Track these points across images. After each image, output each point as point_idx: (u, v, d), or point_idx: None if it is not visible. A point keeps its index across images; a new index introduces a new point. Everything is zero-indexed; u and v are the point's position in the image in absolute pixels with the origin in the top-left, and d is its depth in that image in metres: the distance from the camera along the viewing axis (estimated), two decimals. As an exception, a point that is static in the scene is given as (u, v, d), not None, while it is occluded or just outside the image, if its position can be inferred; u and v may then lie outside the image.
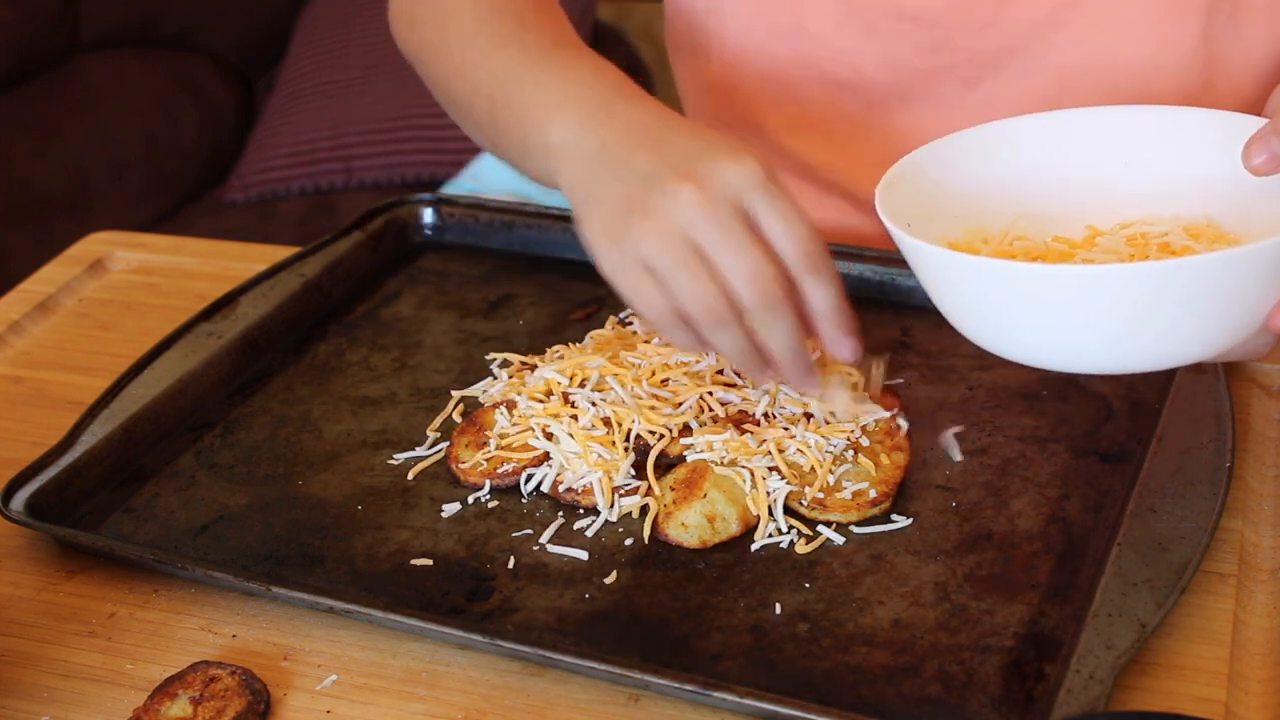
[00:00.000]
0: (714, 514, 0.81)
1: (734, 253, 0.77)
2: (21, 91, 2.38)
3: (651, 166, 0.79)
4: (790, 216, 0.78)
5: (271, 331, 1.01)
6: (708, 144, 0.80)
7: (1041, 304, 0.71)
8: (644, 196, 0.78)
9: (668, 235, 0.77)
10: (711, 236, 0.77)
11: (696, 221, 0.77)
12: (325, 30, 2.60)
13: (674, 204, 0.77)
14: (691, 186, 0.77)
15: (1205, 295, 0.69)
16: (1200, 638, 0.75)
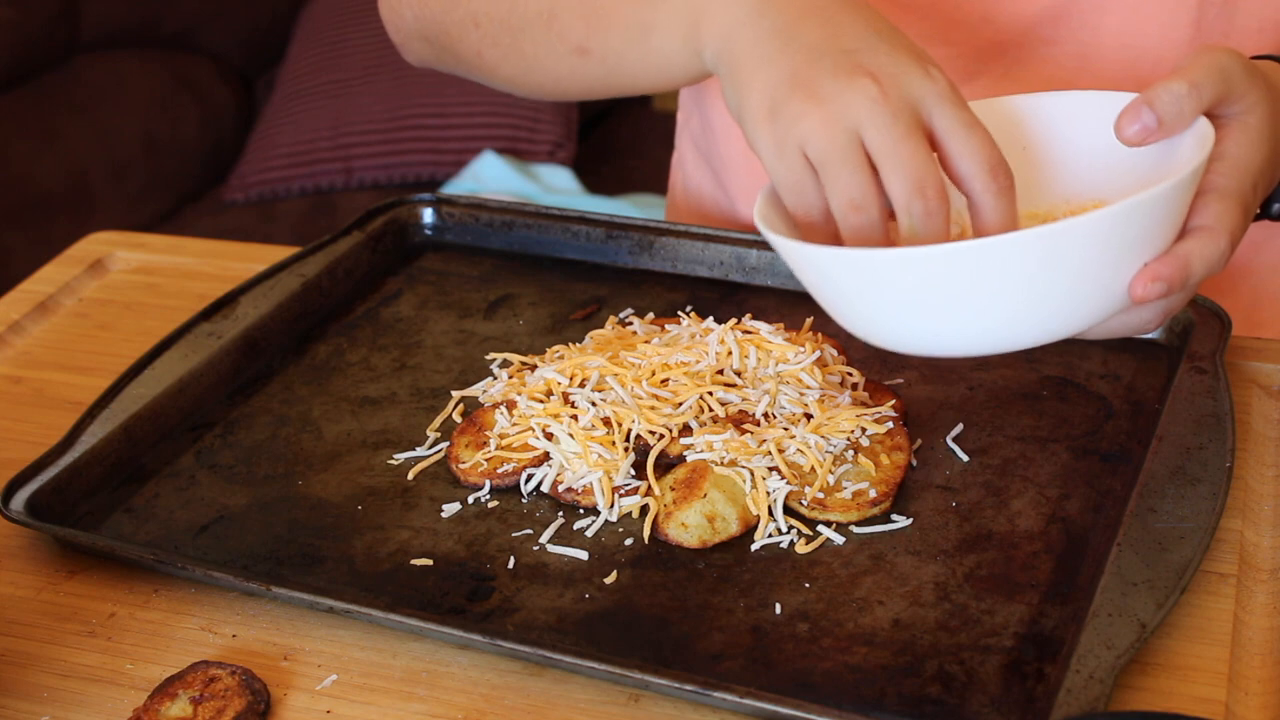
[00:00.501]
0: (714, 514, 0.81)
1: (901, 150, 0.71)
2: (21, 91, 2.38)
3: (823, 42, 0.73)
4: (976, 128, 0.73)
5: (271, 331, 1.01)
6: (887, 34, 0.74)
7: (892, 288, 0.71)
8: (815, 77, 0.72)
9: (834, 126, 0.72)
10: (880, 131, 0.71)
11: (869, 115, 0.71)
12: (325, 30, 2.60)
13: (850, 96, 0.72)
14: (872, 82, 0.72)
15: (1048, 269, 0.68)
16: (1200, 638, 0.75)
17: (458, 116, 2.42)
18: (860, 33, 0.75)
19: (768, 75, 0.74)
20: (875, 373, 0.93)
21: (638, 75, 0.85)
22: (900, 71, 0.73)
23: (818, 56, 0.73)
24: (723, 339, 0.91)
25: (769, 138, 0.74)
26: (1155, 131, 0.74)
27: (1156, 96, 0.74)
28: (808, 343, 0.91)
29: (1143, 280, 0.71)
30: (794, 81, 0.73)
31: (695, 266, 1.06)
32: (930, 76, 0.73)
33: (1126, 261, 0.71)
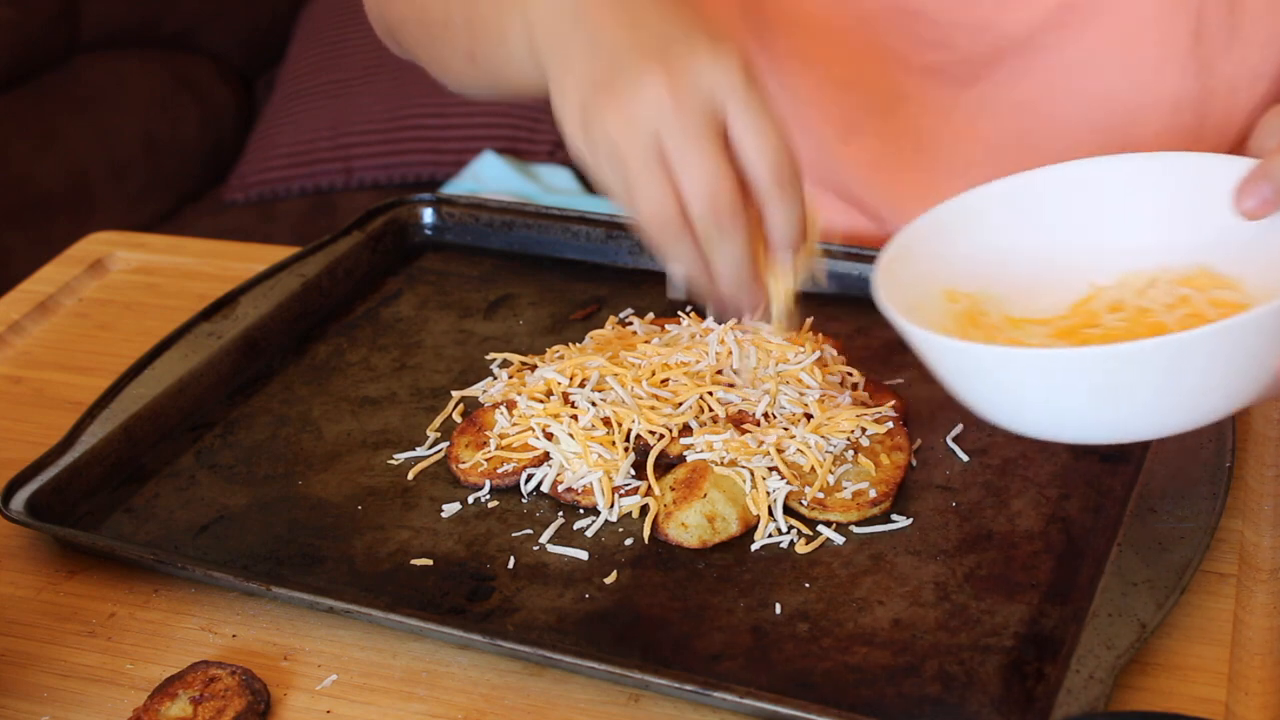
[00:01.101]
0: (714, 514, 0.81)
1: (692, 164, 0.71)
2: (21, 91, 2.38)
3: (623, 42, 0.73)
4: (765, 127, 0.73)
5: (271, 331, 1.01)
6: (688, 27, 0.74)
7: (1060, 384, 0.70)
8: (611, 77, 0.73)
9: (632, 127, 0.72)
10: (674, 138, 0.71)
11: (661, 118, 0.71)
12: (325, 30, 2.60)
13: (640, 94, 0.71)
14: (661, 77, 0.71)
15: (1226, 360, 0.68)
16: (1200, 638, 0.75)
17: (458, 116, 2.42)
18: (660, 28, 0.74)
19: (576, 79, 0.75)
20: (875, 373, 0.93)
21: (515, 82, 0.85)
22: (691, 62, 0.72)
23: (618, 56, 0.73)
24: (723, 339, 0.91)
25: (583, 143, 0.75)
26: (1274, 203, 0.75)
27: (1274, 170, 0.74)
28: (808, 343, 0.91)
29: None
30: (597, 84, 0.73)
31: (695, 266, 1.06)
32: (722, 64, 0.72)
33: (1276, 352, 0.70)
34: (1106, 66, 1.00)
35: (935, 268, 0.79)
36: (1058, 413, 0.71)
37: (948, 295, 0.79)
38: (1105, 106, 1.01)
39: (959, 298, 0.79)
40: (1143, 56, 0.99)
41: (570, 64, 0.76)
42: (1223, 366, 0.69)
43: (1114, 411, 0.70)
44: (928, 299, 0.78)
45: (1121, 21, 0.99)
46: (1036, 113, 1.03)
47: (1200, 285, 0.78)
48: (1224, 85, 1.00)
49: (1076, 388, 0.69)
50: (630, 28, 0.74)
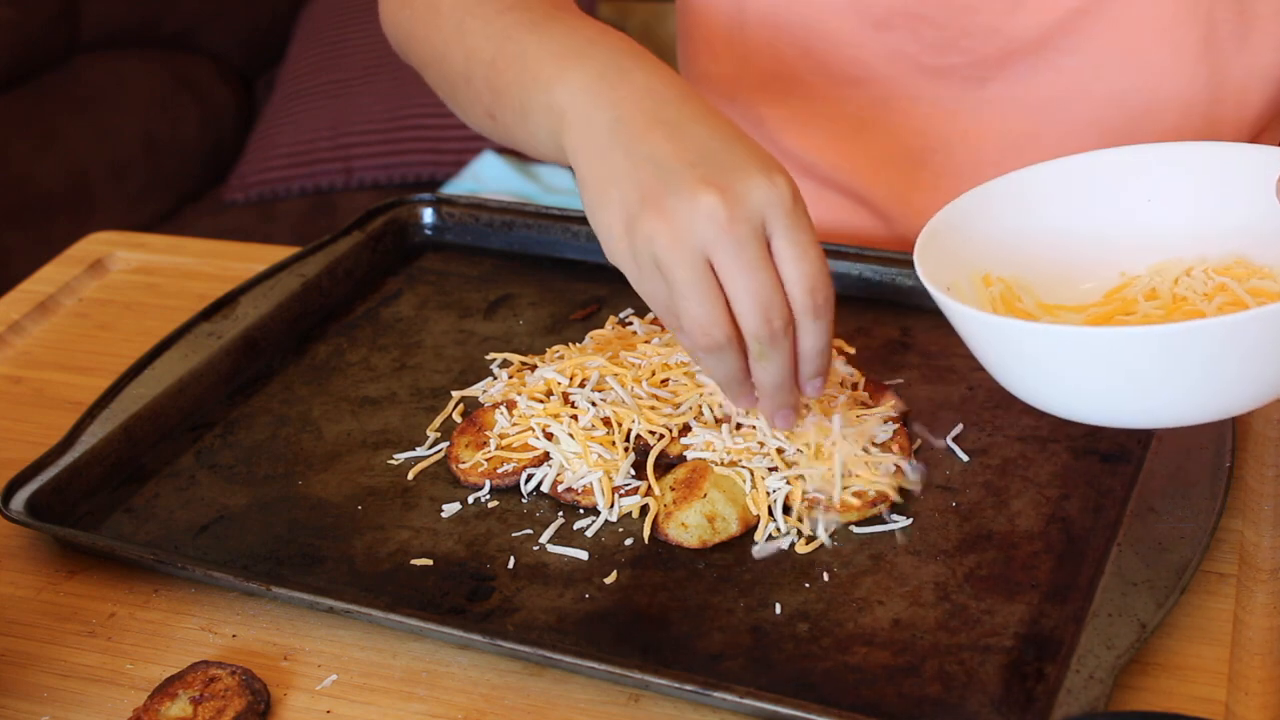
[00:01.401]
0: (714, 514, 0.81)
1: (748, 279, 0.73)
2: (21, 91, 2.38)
3: (670, 156, 0.74)
4: (808, 251, 0.74)
5: (271, 331, 1.01)
6: (733, 142, 0.76)
7: (1107, 365, 0.70)
8: (660, 192, 0.74)
9: (682, 243, 0.73)
10: (728, 257, 0.73)
11: (715, 238, 0.73)
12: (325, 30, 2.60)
13: (694, 212, 0.73)
14: (716, 197, 0.73)
15: (1275, 344, 0.68)
16: (1200, 638, 0.75)
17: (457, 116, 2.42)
18: (706, 143, 0.75)
19: (620, 192, 0.75)
20: (875, 373, 0.93)
21: (535, 152, 0.86)
22: (744, 184, 0.73)
23: (665, 172, 0.74)
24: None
25: (628, 255, 0.76)
26: None
27: None
28: None
29: None
30: (644, 199, 0.74)
31: (695, 266, 1.06)
32: (774, 185, 0.74)
33: None
34: (1117, 69, 1.00)
35: (969, 249, 0.79)
36: (1104, 394, 0.71)
37: (983, 279, 0.80)
38: (1115, 109, 1.01)
39: (994, 282, 0.80)
40: (1153, 59, 0.99)
41: (611, 173, 0.76)
42: (1271, 351, 0.68)
43: (1156, 394, 0.70)
44: (964, 280, 0.78)
45: (1132, 24, 0.99)
46: (1046, 115, 1.03)
47: (1238, 275, 0.78)
48: (1234, 87, 1.00)
49: (1126, 368, 0.69)
50: (672, 140, 0.75)
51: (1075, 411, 0.74)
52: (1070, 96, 1.02)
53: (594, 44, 0.80)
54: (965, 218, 0.80)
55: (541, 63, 0.81)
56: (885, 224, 1.10)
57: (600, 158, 0.77)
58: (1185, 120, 1.01)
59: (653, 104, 0.77)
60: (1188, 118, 1.01)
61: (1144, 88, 1.00)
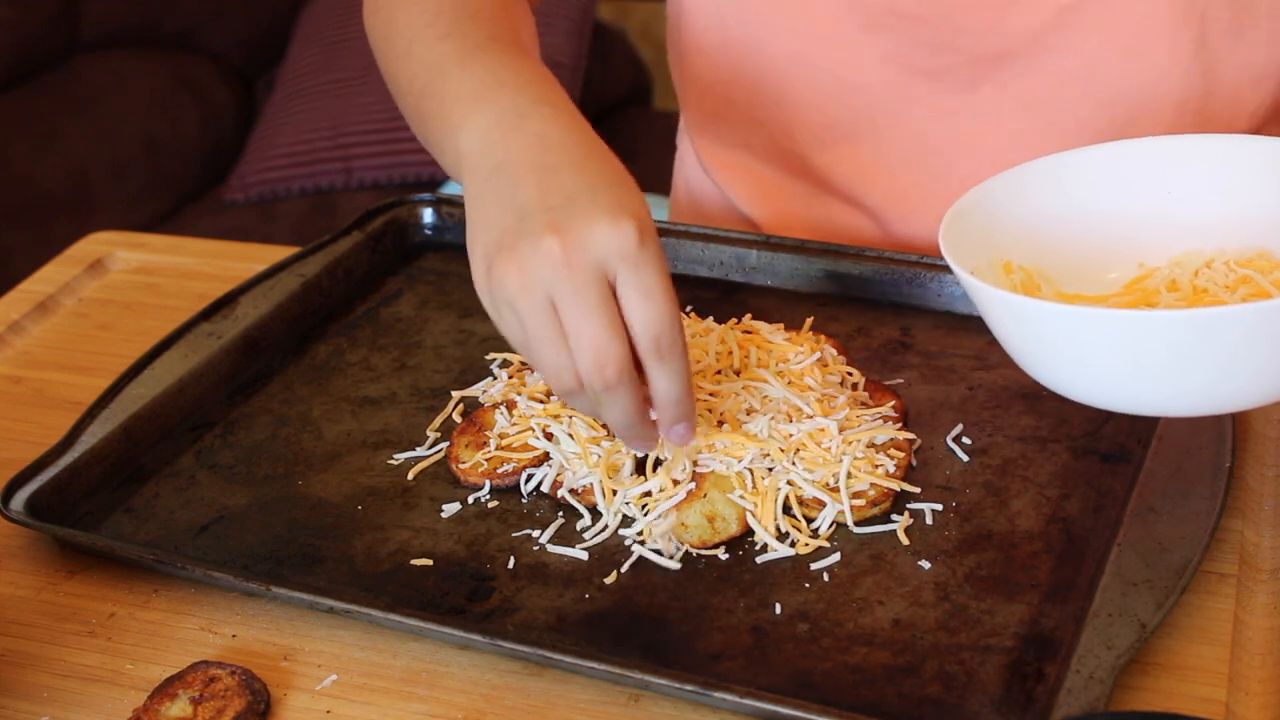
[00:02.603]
0: (714, 514, 0.81)
1: (581, 325, 0.74)
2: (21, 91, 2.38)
3: (530, 202, 0.76)
4: (652, 294, 0.74)
5: (271, 331, 1.01)
6: (593, 188, 0.76)
7: (1130, 348, 0.69)
8: (514, 237, 0.75)
9: (529, 287, 0.74)
10: (565, 302, 0.74)
11: (555, 281, 0.74)
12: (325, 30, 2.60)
13: (537, 256, 0.74)
14: (556, 241, 0.73)
15: None
16: (1200, 638, 0.75)
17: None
18: (571, 188, 0.76)
19: (485, 235, 0.77)
20: (875, 373, 0.93)
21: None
22: (586, 227, 0.74)
23: (523, 217, 0.75)
24: (723, 338, 0.91)
25: (487, 297, 0.77)
26: None
27: None
28: (807, 343, 0.91)
29: None
30: (501, 243, 0.76)
31: (695, 266, 1.06)
32: (618, 229, 0.74)
33: None
34: (1110, 69, 1.00)
35: (990, 234, 0.80)
36: (1128, 378, 0.71)
37: (1004, 266, 0.80)
38: (1110, 109, 1.01)
39: (1015, 270, 0.80)
40: (1147, 59, 0.99)
41: (483, 218, 0.78)
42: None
43: (1180, 380, 0.70)
44: (985, 265, 0.78)
45: (1124, 23, 0.99)
46: (1041, 115, 1.03)
47: (1261, 268, 0.78)
48: (1228, 86, 1.00)
49: (1151, 352, 0.69)
50: (541, 186, 0.76)
51: (1098, 397, 0.73)
52: (1064, 97, 1.02)
53: (504, 85, 0.82)
54: (987, 202, 0.80)
55: (454, 104, 0.83)
56: (881, 227, 1.10)
57: (478, 202, 0.79)
58: (1180, 119, 1.01)
59: (538, 151, 0.78)
60: (1182, 116, 1.01)
61: (1137, 87, 1.00)
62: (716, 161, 1.17)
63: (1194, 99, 1.00)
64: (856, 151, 1.08)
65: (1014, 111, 1.03)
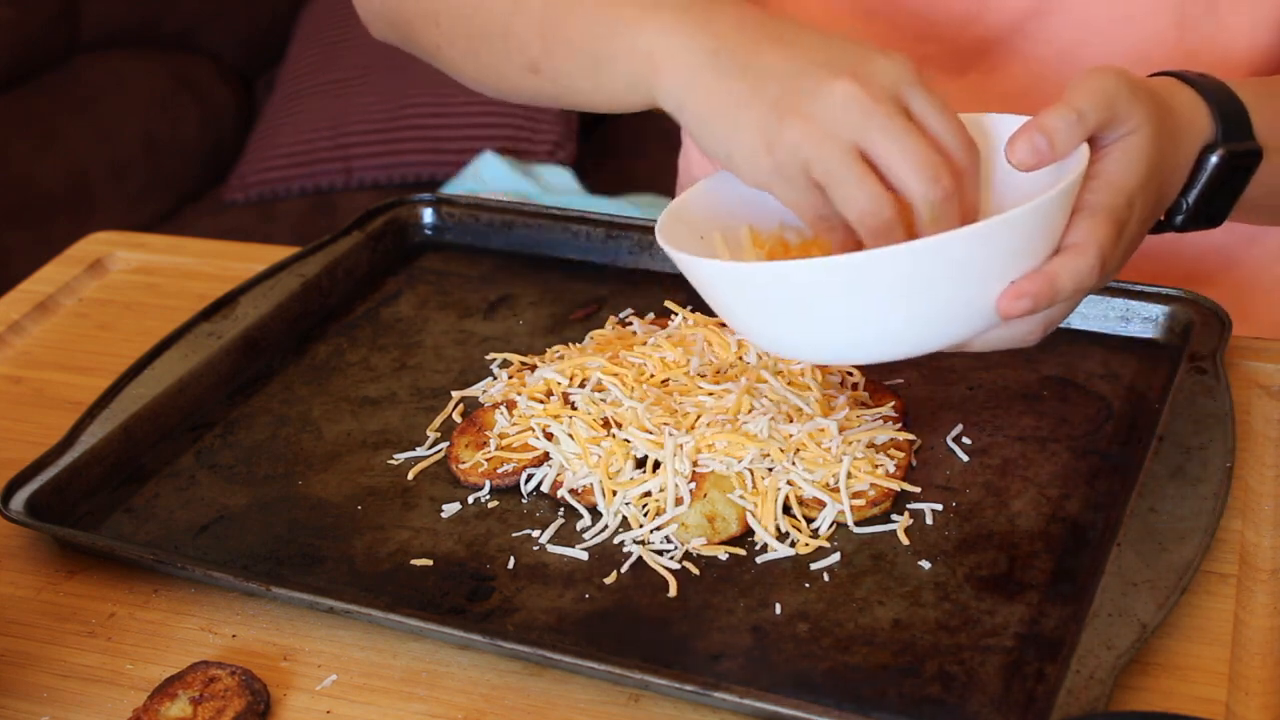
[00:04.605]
0: (714, 514, 0.81)
1: (906, 146, 0.73)
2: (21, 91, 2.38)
3: (790, 64, 0.74)
4: (947, 109, 0.75)
5: (271, 331, 1.01)
6: (843, 43, 0.76)
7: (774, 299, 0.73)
8: (793, 97, 0.73)
9: (830, 139, 0.73)
10: (881, 134, 0.73)
11: (863, 121, 0.73)
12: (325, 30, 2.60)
13: (832, 103, 0.73)
14: (849, 82, 0.73)
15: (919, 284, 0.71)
16: (1200, 638, 0.75)
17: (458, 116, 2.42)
18: (817, 46, 0.76)
19: (752, 114, 0.75)
20: (875, 373, 0.93)
21: (587, 101, 0.85)
22: (870, 65, 0.74)
23: (790, 78, 0.74)
24: (723, 338, 0.91)
25: (774, 171, 0.75)
26: (1046, 156, 0.75)
27: (1046, 122, 0.75)
28: None
29: (1008, 297, 0.72)
30: (779, 111, 0.74)
31: (695, 266, 1.06)
32: (896, 61, 0.75)
33: (995, 278, 0.72)
34: (1090, 56, 1.01)
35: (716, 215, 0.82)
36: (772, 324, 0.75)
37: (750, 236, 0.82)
38: None
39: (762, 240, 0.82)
40: (1127, 44, 1.00)
41: (734, 99, 0.75)
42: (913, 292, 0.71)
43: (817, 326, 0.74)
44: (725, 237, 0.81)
45: (1102, 10, 0.99)
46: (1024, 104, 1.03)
47: None
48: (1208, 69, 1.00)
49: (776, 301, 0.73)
50: (784, 51, 0.75)
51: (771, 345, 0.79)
52: (1046, 85, 1.02)
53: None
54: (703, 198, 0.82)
55: (620, 9, 0.79)
56: None
57: (716, 88, 0.76)
58: None
59: (751, 27, 0.76)
60: None
61: None
62: None
63: None
64: None
65: (997, 100, 1.03)
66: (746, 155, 0.76)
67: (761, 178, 0.76)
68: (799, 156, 0.73)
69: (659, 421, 0.85)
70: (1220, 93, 0.84)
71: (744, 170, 0.76)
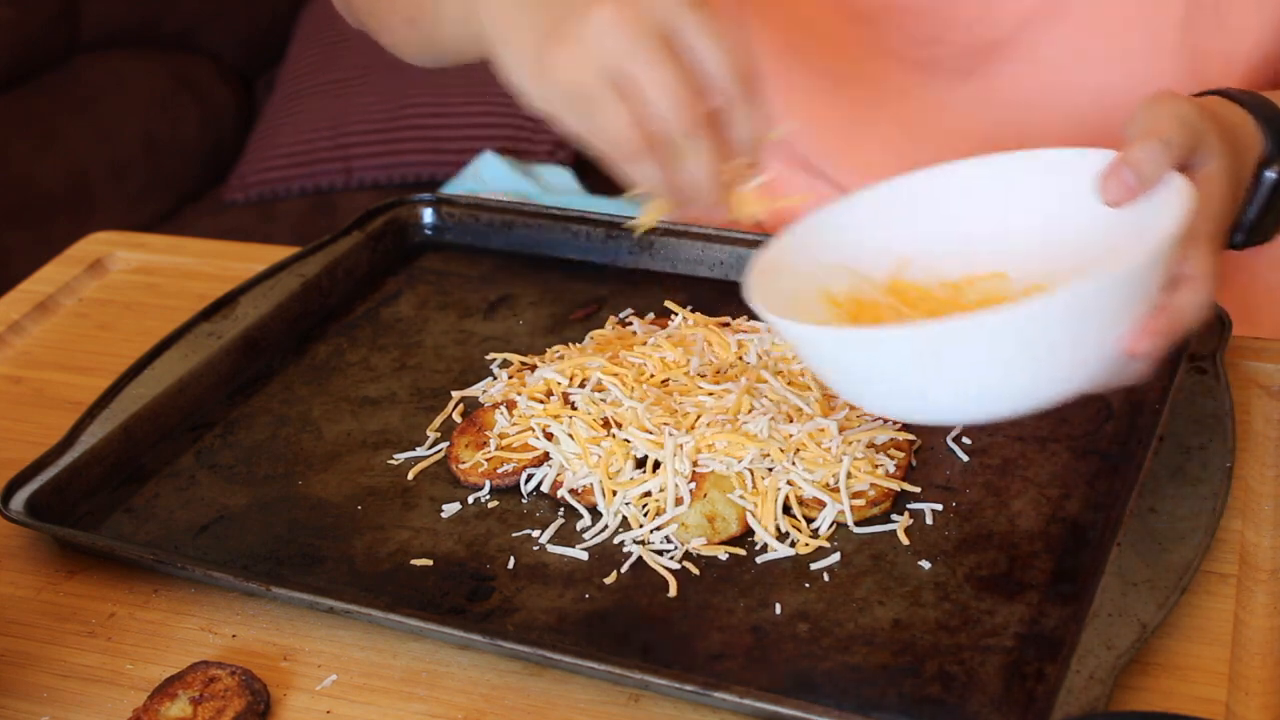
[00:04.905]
0: (714, 514, 0.81)
1: (653, 77, 0.73)
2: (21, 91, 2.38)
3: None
4: (722, 35, 0.74)
5: (271, 331, 1.01)
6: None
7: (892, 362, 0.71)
8: (562, 23, 0.74)
9: (587, 60, 0.73)
10: (631, 60, 0.73)
11: (616, 46, 0.73)
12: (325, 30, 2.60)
13: (590, 29, 0.73)
14: (611, 8, 0.73)
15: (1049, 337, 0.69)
16: (1200, 638, 0.75)
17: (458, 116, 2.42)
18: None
19: (526, 38, 0.77)
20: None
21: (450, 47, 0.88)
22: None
23: (567, 6, 0.75)
24: (724, 338, 0.91)
25: (543, 94, 0.76)
26: (1136, 190, 0.75)
27: (1134, 157, 0.75)
28: None
29: (1140, 338, 0.72)
30: (547, 34, 0.75)
31: (695, 266, 1.06)
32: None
33: (1124, 321, 0.71)
34: (1096, 59, 1.01)
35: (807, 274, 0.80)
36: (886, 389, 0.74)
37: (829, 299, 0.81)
38: (1098, 99, 1.02)
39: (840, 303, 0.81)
40: (1132, 46, 1.00)
41: (516, 23, 0.77)
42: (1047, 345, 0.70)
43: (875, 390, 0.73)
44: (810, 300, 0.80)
45: (1108, 12, 0.99)
46: (1031, 106, 1.03)
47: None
48: (1215, 73, 1.00)
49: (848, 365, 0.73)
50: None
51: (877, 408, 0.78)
52: (1053, 87, 1.02)
53: None
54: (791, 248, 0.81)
55: None
56: None
57: (510, 19, 0.78)
58: None
59: None
60: None
61: (1124, 78, 1.00)
62: None
63: (1181, 82, 1.00)
64: (851, 144, 1.08)
65: (1004, 103, 1.03)
66: (525, 80, 0.77)
67: (538, 103, 0.77)
68: (559, 78, 0.74)
69: (659, 421, 0.85)
70: (1267, 109, 0.85)
71: (527, 96, 0.77)
